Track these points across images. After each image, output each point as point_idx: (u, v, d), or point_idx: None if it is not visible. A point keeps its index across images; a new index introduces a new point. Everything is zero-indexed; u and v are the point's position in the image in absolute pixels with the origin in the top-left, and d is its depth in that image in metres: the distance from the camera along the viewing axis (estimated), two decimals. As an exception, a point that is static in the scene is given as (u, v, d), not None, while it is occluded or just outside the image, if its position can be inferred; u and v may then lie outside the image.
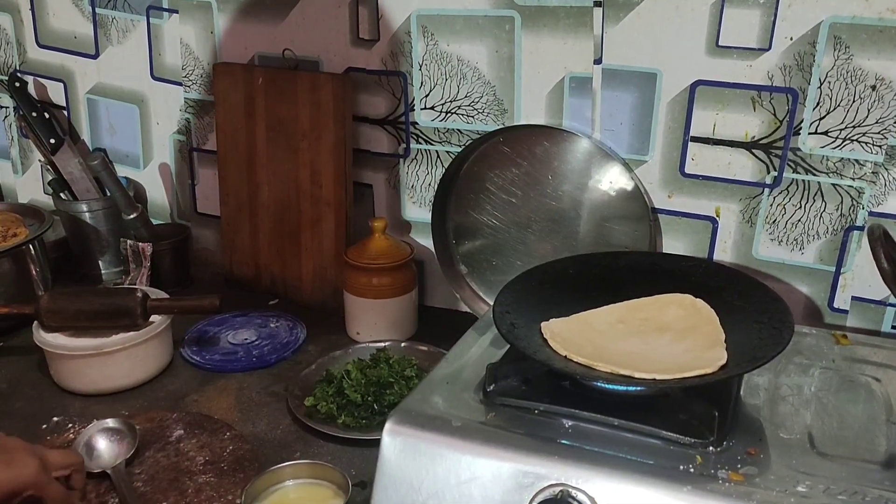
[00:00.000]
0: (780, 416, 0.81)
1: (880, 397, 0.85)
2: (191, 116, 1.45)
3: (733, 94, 1.04)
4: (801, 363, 0.91)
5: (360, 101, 1.28)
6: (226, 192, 1.41)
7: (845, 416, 0.82)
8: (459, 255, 1.28)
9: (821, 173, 1.03)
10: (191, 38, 1.38)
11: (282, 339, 1.25)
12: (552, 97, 1.14)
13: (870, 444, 0.77)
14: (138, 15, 1.43)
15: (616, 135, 1.12)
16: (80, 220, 1.46)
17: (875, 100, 0.97)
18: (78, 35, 1.50)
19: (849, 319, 1.07)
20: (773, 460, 0.74)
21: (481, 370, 0.86)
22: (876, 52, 0.95)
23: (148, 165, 1.54)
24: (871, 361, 0.92)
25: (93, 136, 1.58)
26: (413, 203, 1.30)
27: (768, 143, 1.04)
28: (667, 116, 1.08)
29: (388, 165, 1.30)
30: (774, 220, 1.07)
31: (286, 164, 1.31)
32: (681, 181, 1.11)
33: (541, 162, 1.16)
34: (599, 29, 1.08)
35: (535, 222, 1.20)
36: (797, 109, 1.01)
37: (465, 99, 1.20)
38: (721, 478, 0.71)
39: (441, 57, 1.19)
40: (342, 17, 1.24)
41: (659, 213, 1.13)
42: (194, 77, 1.41)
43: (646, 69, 1.07)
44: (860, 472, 0.72)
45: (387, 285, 1.22)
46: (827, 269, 1.07)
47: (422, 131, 1.25)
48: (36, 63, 1.57)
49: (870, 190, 1.01)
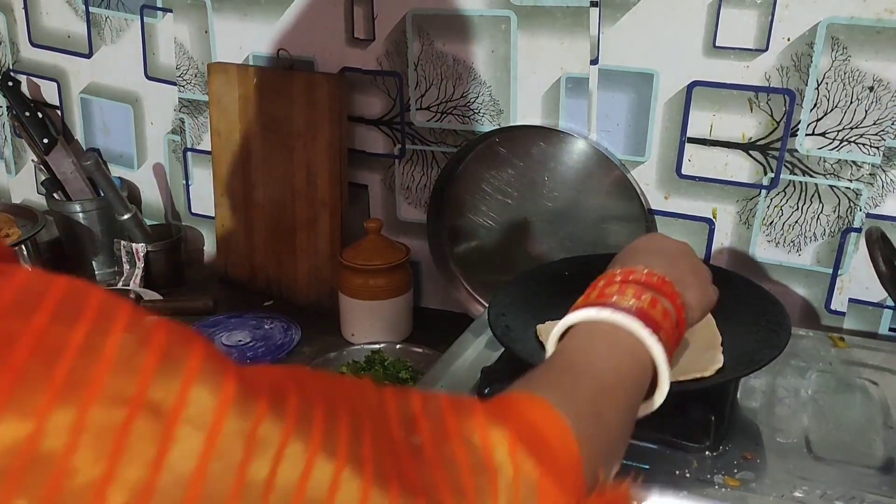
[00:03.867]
0: (777, 420, 0.80)
1: (877, 401, 0.85)
2: (185, 116, 1.44)
3: (730, 94, 1.03)
4: (798, 366, 0.90)
5: (356, 102, 1.27)
6: (220, 192, 1.40)
7: (842, 419, 0.81)
8: (455, 256, 1.27)
9: (818, 175, 1.02)
10: (185, 37, 1.38)
11: (276, 340, 1.25)
12: (548, 98, 1.13)
13: (867, 449, 0.76)
14: (132, 14, 1.42)
15: (612, 136, 1.12)
16: (74, 221, 1.45)
17: (873, 101, 0.97)
18: (71, 34, 1.49)
19: (846, 322, 1.07)
20: (770, 465, 0.73)
21: (476, 373, 0.86)
22: (874, 53, 0.95)
23: (142, 166, 1.54)
24: (869, 364, 0.92)
25: (86, 135, 1.57)
26: (408, 204, 1.30)
27: (765, 144, 1.04)
28: (663, 117, 1.08)
29: (383, 166, 1.29)
30: (771, 221, 1.07)
31: (281, 165, 1.31)
32: (677, 182, 1.10)
33: (537, 163, 1.16)
34: (596, 29, 1.07)
35: (531, 223, 1.19)
36: (794, 110, 1.01)
37: (460, 99, 1.19)
38: (717, 483, 0.71)
39: (437, 57, 1.18)
40: (337, 16, 1.23)
41: (655, 214, 1.13)
42: (188, 77, 1.40)
43: (642, 70, 1.07)
44: (857, 476, 0.72)
45: (382, 287, 1.21)
46: (824, 270, 1.06)
47: (417, 132, 1.24)
48: (29, 62, 1.57)
49: (867, 191, 1.01)
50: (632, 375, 0.59)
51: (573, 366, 0.58)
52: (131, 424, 0.33)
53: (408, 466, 0.41)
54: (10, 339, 0.33)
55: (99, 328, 0.35)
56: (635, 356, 0.60)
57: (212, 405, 0.35)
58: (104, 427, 0.33)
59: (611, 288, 0.65)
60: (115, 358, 0.35)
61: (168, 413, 0.34)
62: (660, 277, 0.66)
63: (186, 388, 0.35)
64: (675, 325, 0.64)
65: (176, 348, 0.36)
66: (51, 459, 0.32)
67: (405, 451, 0.42)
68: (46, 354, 0.33)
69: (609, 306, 0.62)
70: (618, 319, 0.60)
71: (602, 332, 0.61)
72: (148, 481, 0.33)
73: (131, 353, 0.35)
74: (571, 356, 0.60)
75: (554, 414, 0.49)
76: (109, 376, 0.34)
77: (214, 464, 0.34)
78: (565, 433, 0.49)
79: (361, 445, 0.39)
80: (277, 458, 0.36)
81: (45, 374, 0.33)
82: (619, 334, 0.60)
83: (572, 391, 0.54)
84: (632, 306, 0.62)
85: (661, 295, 0.64)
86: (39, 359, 0.33)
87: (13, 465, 0.31)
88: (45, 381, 0.33)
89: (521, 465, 0.45)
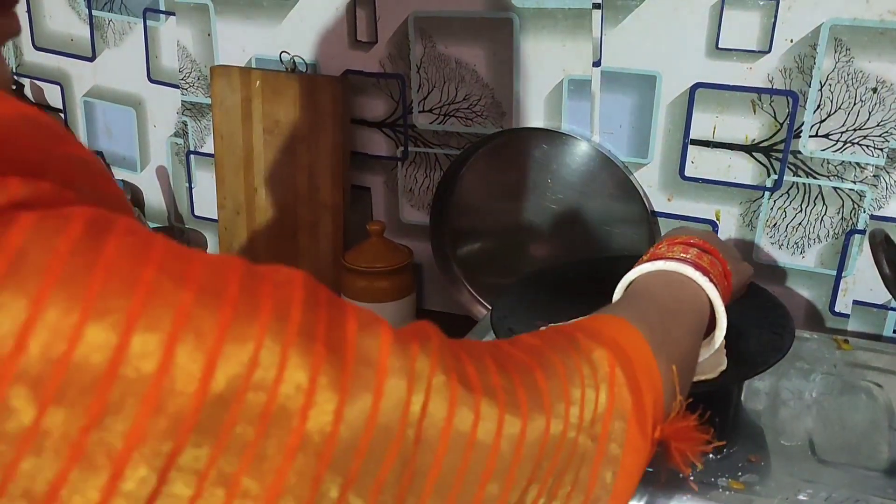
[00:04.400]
0: (781, 423, 0.80)
1: (882, 403, 0.84)
2: (188, 119, 1.44)
3: (733, 96, 1.03)
4: (802, 368, 0.90)
5: (358, 104, 1.27)
6: (223, 195, 1.40)
7: (847, 422, 0.81)
8: (458, 258, 1.27)
9: (822, 176, 1.02)
10: (188, 40, 1.38)
11: (279, 343, 1.24)
12: (551, 100, 1.13)
13: (872, 451, 0.76)
14: (135, 17, 1.42)
15: (615, 137, 1.11)
16: (77, 224, 1.45)
17: (876, 102, 0.97)
18: (74, 38, 1.50)
19: (850, 324, 1.07)
20: (774, 467, 0.73)
21: (479, 376, 0.86)
22: (877, 55, 0.95)
23: (145, 169, 1.54)
24: (873, 367, 0.91)
25: (89, 139, 1.57)
26: (411, 206, 1.30)
27: (769, 146, 1.03)
28: (666, 119, 1.08)
29: (386, 168, 1.29)
30: (775, 223, 1.07)
31: (283, 167, 1.31)
32: (680, 184, 1.10)
33: (540, 165, 1.16)
34: (598, 31, 1.07)
35: (534, 226, 1.19)
36: (798, 112, 1.01)
37: (463, 101, 1.19)
38: (721, 486, 0.70)
39: (439, 59, 1.18)
40: (340, 19, 1.23)
41: (658, 216, 1.12)
42: (191, 80, 1.40)
43: (645, 71, 1.07)
44: (862, 479, 0.71)
45: (385, 289, 1.21)
46: (828, 272, 1.06)
47: (420, 134, 1.24)
48: (32, 66, 1.57)
49: (871, 193, 1.00)
50: (693, 307, 0.65)
51: (639, 298, 0.65)
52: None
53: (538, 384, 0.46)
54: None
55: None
56: (693, 293, 0.66)
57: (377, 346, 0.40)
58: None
59: (660, 249, 0.72)
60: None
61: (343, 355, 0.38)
62: (703, 241, 0.71)
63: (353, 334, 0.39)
64: (722, 275, 0.69)
65: (336, 308, 0.40)
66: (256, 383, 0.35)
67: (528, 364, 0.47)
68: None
69: (660, 258, 0.68)
70: (671, 266, 0.67)
71: (659, 276, 0.67)
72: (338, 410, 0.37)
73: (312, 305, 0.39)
74: (635, 294, 0.67)
75: (637, 335, 0.53)
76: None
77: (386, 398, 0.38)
78: (648, 356, 0.52)
79: (489, 374, 0.44)
80: (428, 390, 0.40)
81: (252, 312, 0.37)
82: (674, 276, 0.66)
83: (642, 313, 0.59)
84: (682, 258, 0.68)
85: (706, 252, 0.70)
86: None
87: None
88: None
89: (619, 393, 0.49)
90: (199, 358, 0.33)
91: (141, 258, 0.34)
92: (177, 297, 0.34)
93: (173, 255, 0.36)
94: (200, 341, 0.34)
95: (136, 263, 0.34)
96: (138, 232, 0.35)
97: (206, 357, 0.34)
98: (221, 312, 0.35)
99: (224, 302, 0.35)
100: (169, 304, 0.34)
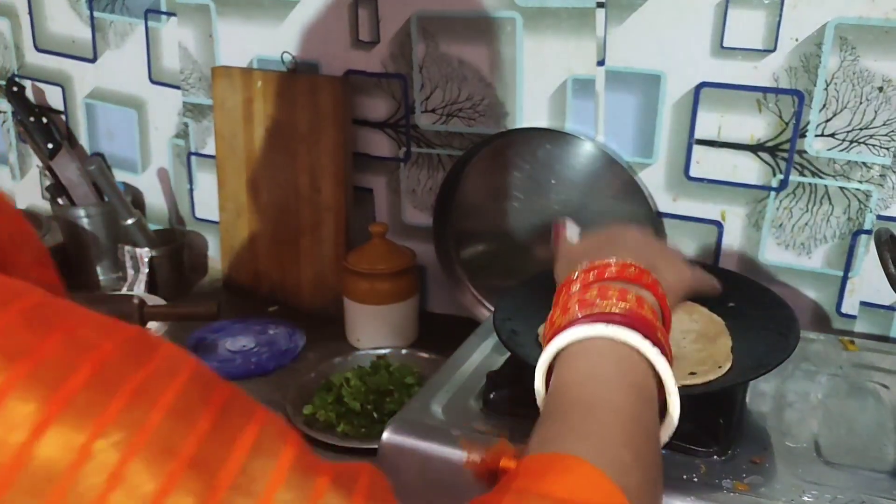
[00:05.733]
0: (787, 424, 0.79)
1: (888, 405, 0.83)
2: (189, 120, 1.43)
3: (738, 96, 1.02)
4: (808, 369, 0.89)
5: (360, 104, 1.26)
6: (224, 196, 1.40)
7: (853, 423, 0.80)
8: (461, 260, 1.27)
9: (827, 176, 1.01)
10: (189, 41, 1.37)
11: (281, 346, 1.24)
12: (555, 99, 1.13)
13: (878, 453, 0.75)
14: (136, 18, 1.42)
15: (619, 137, 1.11)
16: (78, 226, 1.45)
17: (882, 101, 0.96)
18: (76, 39, 1.49)
19: (857, 325, 1.06)
20: (779, 469, 0.72)
21: (482, 378, 0.85)
22: (883, 53, 0.94)
23: (146, 170, 1.53)
24: (880, 368, 0.90)
25: (91, 140, 1.57)
26: (414, 207, 1.29)
27: (774, 145, 1.03)
28: (671, 119, 1.07)
29: (388, 169, 1.29)
30: (781, 223, 1.06)
31: (285, 169, 1.30)
32: (685, 184, 1.09)
33: (543, 165, 1.15)
34: (602, 30, 1.06)
35: (537, 226, 1.18)
36: (803, 111, 1.00)
37: (466, 101, 1.18)
38: (726, 487, 0.70)
39: (442, 59, 1.18)
40: (341, 19, 1.22)
41: (663, 216, 1.12)
42: (192, 81, 1.40)
43: (649, 71, 1.06)
44: (868, 481, 0.71)
45: (387, 291, 1.20)
46: (834, 273, 1.05)
47: (422, 134, 1.24)
48: (34, 67, 1.57)
49: (877, 193, 1.00)
50: (649, 396, 0.54)
51: (588, 402, 0.51)
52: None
53: None
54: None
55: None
56: (644, 373, 0.55)
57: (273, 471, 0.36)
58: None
59: (590, 292, 0.59)
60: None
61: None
62: (636, 268, 0.61)
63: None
64: (662, 320, 0.61)
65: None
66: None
67: None
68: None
69: (599, 318, 0.55)
70: (615, 334, 0.54)
71: (600, 351, 0.55)
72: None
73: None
74: (581, 390, 0.53)
75: (596, 475, 0.44)
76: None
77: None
78: (613, 495, 0.43)
79: None
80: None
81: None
82: (619, 351, 0.55)
83: (600, 435, 0.48)
84: (623, 309, 0.56)
85: (643, 287, 0.60)
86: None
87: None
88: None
89: None
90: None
91: None
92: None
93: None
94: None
95: None
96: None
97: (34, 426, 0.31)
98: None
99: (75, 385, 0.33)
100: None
